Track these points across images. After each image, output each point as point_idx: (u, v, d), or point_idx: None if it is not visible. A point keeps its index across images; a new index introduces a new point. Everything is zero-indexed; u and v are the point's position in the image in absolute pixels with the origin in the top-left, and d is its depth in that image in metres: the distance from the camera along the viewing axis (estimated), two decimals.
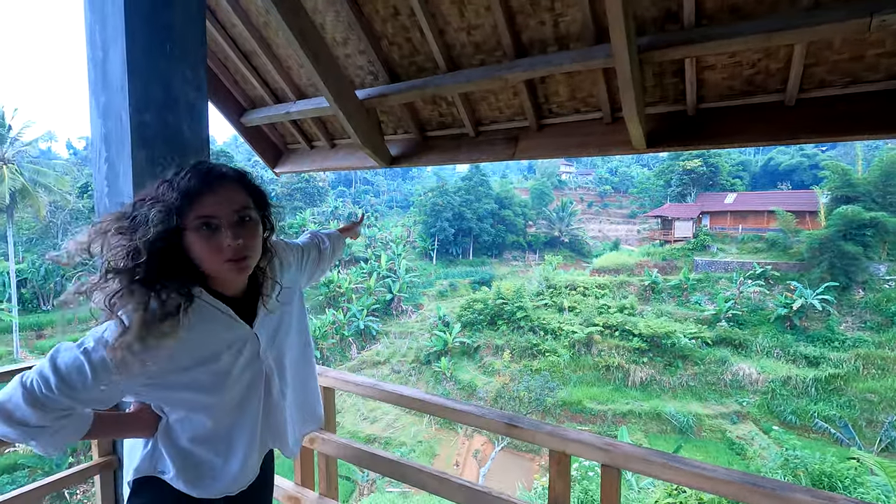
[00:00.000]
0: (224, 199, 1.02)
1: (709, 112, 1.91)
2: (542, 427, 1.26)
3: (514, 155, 2.28)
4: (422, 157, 2.59)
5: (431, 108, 2.50)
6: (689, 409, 22.83)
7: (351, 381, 1.62)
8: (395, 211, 78.61)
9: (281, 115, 2.79)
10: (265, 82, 2.81)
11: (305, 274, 1.49)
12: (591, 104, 2.12)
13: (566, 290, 33.30)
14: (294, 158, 3.17)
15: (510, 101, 2.28)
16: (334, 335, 35.92)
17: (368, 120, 2.49)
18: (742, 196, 40.40)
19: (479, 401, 25.83)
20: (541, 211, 58.14)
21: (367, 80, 2.47)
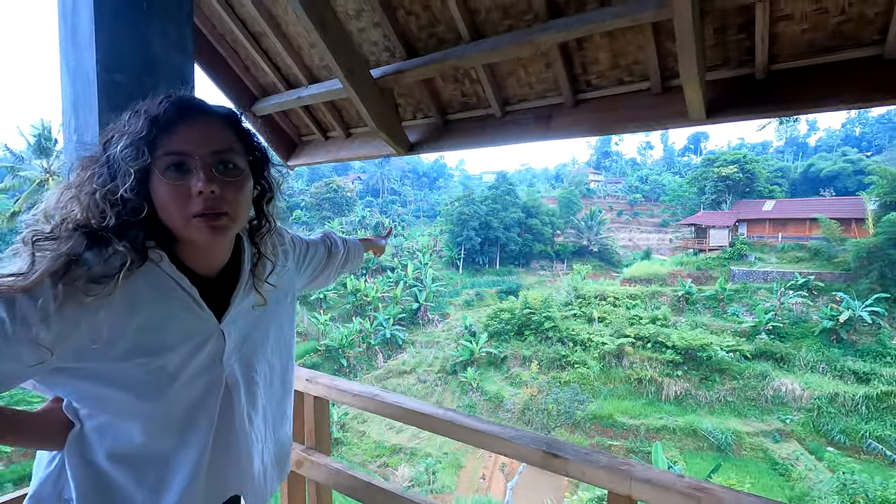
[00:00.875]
0: (201, 135, 0.79)
1: (783, 74, 1.60)
2: (594, 458, 0.92)
3: (547, 134, 2.01)
4: (443, 141, 2.34)
5: (453, 86, 2.26)
6: (728, 426, 21.70)
7: (347, 389, 1.33)
8: (421, 220, 78.95)
9: (293, 101, 2.60)
10: (276, 67, 2.63)
11: (305, 275, 1.23)
12: (638, 72, 1.83)
13: (595, 300, 32.48)
14: (308, 150, 2.98)
15: (542, 75, 2.01)
16: (361, 344, 35.99)
17: (384, 101, 2.26)
18: (782, 203, 38.75)
19: (505, 413, 25.29)
20: (569, 220, 57.24)
21: (383, 57, 2.25)
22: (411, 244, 55.33)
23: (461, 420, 1.06)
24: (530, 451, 0.95)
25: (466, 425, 1.04)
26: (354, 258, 1.42)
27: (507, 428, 1.05)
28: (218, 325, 0.89)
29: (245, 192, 0.84)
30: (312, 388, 1.47)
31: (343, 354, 34.12)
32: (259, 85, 2.82)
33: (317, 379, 1.47)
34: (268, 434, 1.01)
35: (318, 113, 2.84)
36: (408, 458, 22.61)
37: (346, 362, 34.03)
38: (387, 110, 2.28)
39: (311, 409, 1.48)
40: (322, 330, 35.81)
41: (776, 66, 1.61)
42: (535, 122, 2.09)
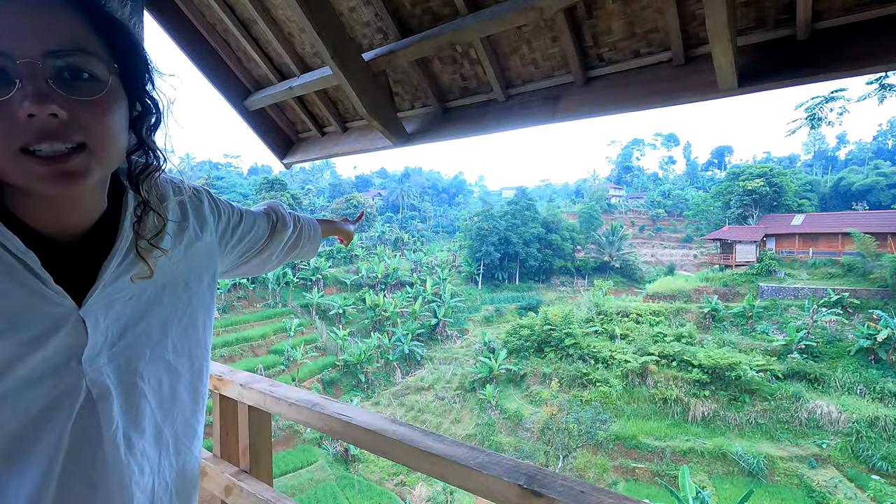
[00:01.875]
0: (27, 25, 0.52)
1: (828, 33, 1.36)
2: (592, 499, 0.65)
3: (555, 116, 1.79)
4: (443, 130, 2.15)
5: (452, 69, 2.07)
6: (760, 450, 20.64)
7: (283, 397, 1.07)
8: (441, 235, 79.11)
9: (284, 92, 2.45)
10: (268, 57, 2.49)
11: (234, 254, 0.95)
12: (657, 42, 1.61)
13: (618, 316, 31.70)
14: (304, 147, 2.82)
15: (548, 51, 1.80)
16: (379, 359, 35.81)
17: (376, 87, 2.08)
18: (811, 217, 37.45)
19: (524, 431, 24.63)
20: (589, 235, 56.50)
21: (376, 39, 2.08)
22: (430, 259, 55.34)
23: (414, 438, 0.81)
24: (503, 486, 0.68)
25: (419, 446, 0.79)
26: (309, 242, 1.18)
27: (477, 451, 0.79)
28: (76, 310, 0.62)
29: (113, 114, 0.58)
30: (248, 395, 1.21)
31: (361, 370, 33.95)
32: (252, 78, 2.69)
33: (253, 384, 1.22)
34: (164, 462, 0.75)
35: (313, 107, 2.68)
36: (426, 477, 22.10)
37: (365, 378, 33.83)
38: (380, 97, 2.10)
39: (245, 422, 1.21)
40: (341, 345, 35.76)
41: (821, 23, 1.37)
42: (542, 104, 1.88)
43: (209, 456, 1.21)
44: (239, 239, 0.94)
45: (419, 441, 0.79)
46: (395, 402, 31.37)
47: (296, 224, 1.12)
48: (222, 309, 35.55)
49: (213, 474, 1.16)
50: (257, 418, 1.25)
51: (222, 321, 34.03)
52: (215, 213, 0.87)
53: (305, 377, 32.01)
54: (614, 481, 20.78)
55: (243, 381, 1.18)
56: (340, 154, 2.55)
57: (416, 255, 56.18)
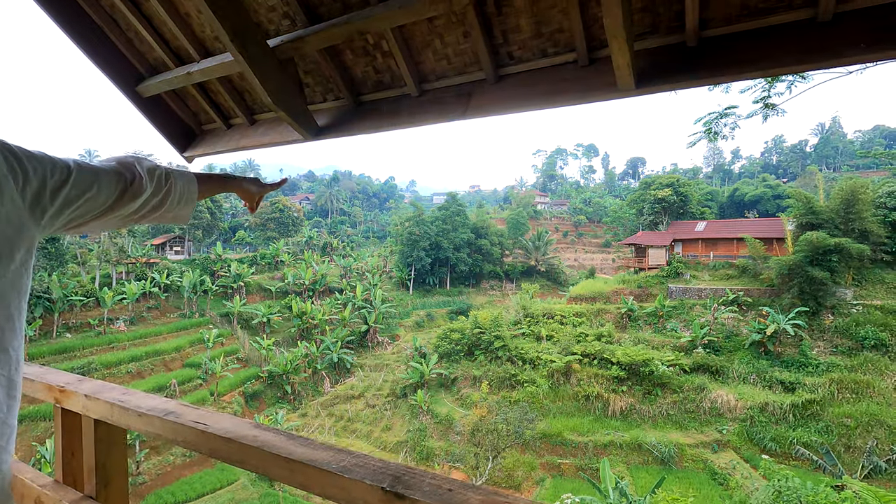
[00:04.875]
0: None
1: (715, 41, 1.46)
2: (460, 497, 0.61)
3: (467, 112, 1.78)
4: (356, 124, 2.06)
5: (365, 62, 2.00)
6: (671, 439, 22.28)
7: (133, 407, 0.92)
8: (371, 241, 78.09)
9: (182, 78, 2.24)
10: (163, 40, 2.27)
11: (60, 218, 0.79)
12: (562, 42, 1.65)
13: (544, 318, 32.92)
14: (209, 140, 2.61)
15: (460, 46, 1.79)
16: (306, 369, 34.54)
17: (284, 76, 1.96)
18: (712, 224, 41.25)
19: (455, 435, 24.79)
20: (517, 240, 58.41)
21: (283, 25, 1.96)
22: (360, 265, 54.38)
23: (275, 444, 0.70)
24: (366, 490, 0.61)
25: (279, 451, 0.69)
26: (179, 205, 1.00)
27: (343, 453, 0.71)
28: None
29: None
30: (94, 407, 1.05)
31: (287, 381, 32.55)
32: (146, 62, 2.44)
33: (101, 393, 1.06)
34: None
35: (217, 97, 2.49)
36: None
37: (291, 389, 32.46)
38: (289, 88, 1.98)
39: (91, 439, 1.06)
40: (265, 356, 34.05)
41: (708, 32, 1.46)
42: (455, 100, 1.86)
43: (49, 482, 1.02)
44: (64, 203, 0.77)
45: (279, 447, 0.70)
46: (324, 413, 30.38)
47: (160, 184, 0.94)
48: (130, 321, 32.56)
49: (53, 501, 0.97)
50: (106, 433, 1.09)
51: (130, 334, 31.15)
52: (17, 174, 0.71)
53: (226, 391, 30.09)
54: (541, 478, 21.47)
55: (89, 392, 0.99)
56: (248, 147, 2.38)
57: (346, 260, 54.96)
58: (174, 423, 0.83)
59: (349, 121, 2.10)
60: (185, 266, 41.78)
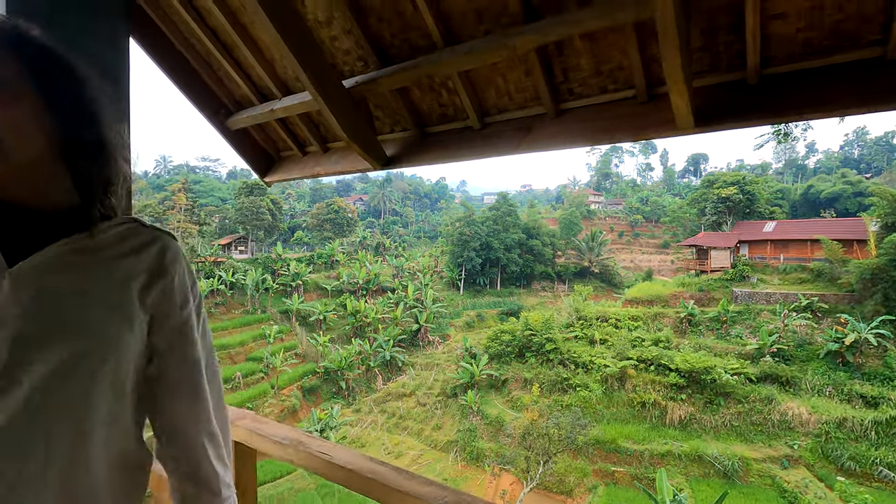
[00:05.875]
0: None
1: (776, 78, 1.48)
2: None
3: (527, 146, 1.88)
4: (421, 155, 2.22)
5: (430, 97, 2.15)
6: (734, 452, 21.13)
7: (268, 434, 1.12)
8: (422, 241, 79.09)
9: (266, 114, 2.49)
10: (249, 79, 2.53)
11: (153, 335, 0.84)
12: (622, 80, 1.71)
13: (597, 321, 32.14)
14: (286, 166, 2.86)
15: (522, 83, 1.89)
16: (360, 366, 35.56)
17: (357, 113, 2.14)
18: (782, 224, 38.66)
19: (506, 437, 24.74)
20: (570, 241, 57.27)
21: (357, 66, 2.14)
22: (412, 265, 55.25)
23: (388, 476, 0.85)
24: None
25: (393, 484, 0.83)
26: None
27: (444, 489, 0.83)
28: (5, 269, 0.68)
29: (16, 109, 0.67)
30: (234, 431, 1.21)
31: (342, 377, 33.66)
32: (233, 98, 2.72)
33: (238, 420, 1.26)
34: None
35: (294, 127, 2.73)
36: None
37: (345, 385, 33.54)
38: (360, 122, 2.16)
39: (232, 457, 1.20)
40: (321, 352, 35.39)
41: (769, 70, 1.48)
42: (515, 133, 1.97)
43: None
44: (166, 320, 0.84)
45: (392, 479, 0.84)
46: (377, 409, 31.17)
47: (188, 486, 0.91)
48: None
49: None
50: (242, 453, 1.27)
51: None
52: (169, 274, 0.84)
53: (285, 384, 31.57)
54: (594, 485, 21.03)
55: (231, 418, 1.20)
56: (322, 174, 2.60)
57: (398, 260, 56.01)
58: (303, 452, 1.00)
59: (415, 151, 2.25)
60: (248, 265, 44.16)
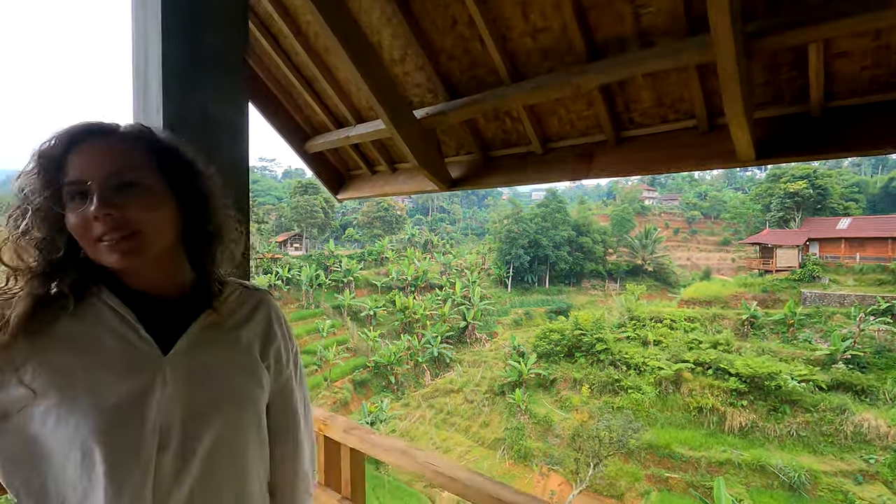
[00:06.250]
0: (94, 159, 0.74)
1: (841, 112, 1.51)
2: None
3: (589, 173, 1.99)
4: (484, 178, 2.37)
5: (495, 125, 2.29)
6: (801, 463, 19.93)
7: (378, 443, 1.35)
8: (470, 238, 79.21)
9: (341, 140, 2.72)
10: (326, 107, 2.77)
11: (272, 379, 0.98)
12: (682, 110, 1.79)
13: (651, 322, 31.11)
14: (356, 184, 3.10)
15: (583, 113, 2.00)
16: (408, 361, 36.23)
17: (426, 141, 2.33)
18: (859, 221, 35.80)
19: (554, 438, 24.53)
20: (622, 238, 55.62)
21: (427, 98, 2.32)
22: (459, 262, 55.51)
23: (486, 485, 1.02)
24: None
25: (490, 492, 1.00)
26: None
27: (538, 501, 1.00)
28: (160, 357, 0.78)
29: (156, 206, 0.77)
30: (350, 439, 1.48)
31: (391, 371, 34.45)
32: (311, 124, 2.97)
33: (352, 430, 1.47)
34: None
35: (365, 149, 2.95)
36: None
37: (394, 379, 34.31)
38: (430, 149, 2.34)
39: (347, 461, 1.49)
40: (371, 346, 36.36)
41: (833, 103, 1.52)
42: (577, 159, 2.08)
43: (315, 483, 1.49)
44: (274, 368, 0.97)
45: (491, 489, 1.00)
46: (425, 404, 31.70)
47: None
48: None
49: (324, 498, 1.44)
50: (356, 458, 1.49)
51: None
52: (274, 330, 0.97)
53: (337, 377, 32.71)
54: (646, 490, 20.50)
55: (345, 428, 1.44)
56: (390, 194, 2.80)
57: (446, 257, 56.44)
58: (411, 460, 1.20)
59: (479, 174, 2.41)
60: (303, 261, 45.96)
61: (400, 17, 2.01)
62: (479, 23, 1.84)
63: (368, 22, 2.12)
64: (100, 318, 0.79)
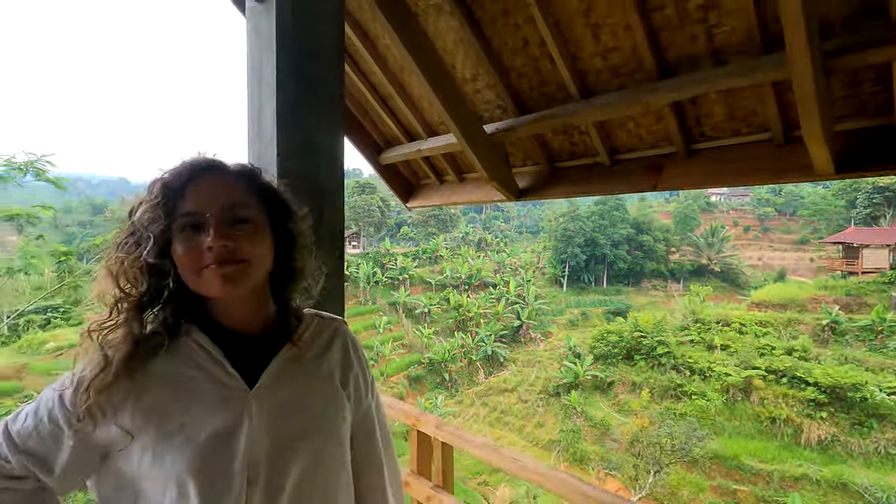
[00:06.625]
0: (211, 193, 0.80)
1: None
2: None
3: (657, 185, 2.02)
4: (551, 189, 2.45)
5: (562, 137, 2.37)
6: (890, 483, 18.27)
7: (469, 440, 1.50)
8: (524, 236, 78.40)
9: (413, 153, 2.89)
10: (399, 122, 2.95)
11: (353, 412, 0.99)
12: (756, 124, 1.79)
13: (717, 325, 29.54)
14: (425, 193, 3.27)
15: (653, 127, 2.04)
16: (462, 359, 36.51)
17: (496, 154, 2.44)
18: None
19: (612, 442, 23.92)
20: (685, 236, 53.05)
21: (496, 113, 2.44)
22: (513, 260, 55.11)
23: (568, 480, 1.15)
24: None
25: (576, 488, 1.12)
26: None
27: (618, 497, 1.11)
28: (247, 392, 0.81)
29: (261, 242, 0.82)
30: (441, 434, 1.66)
31: (445, 368, 34.86)
32: (385, 137, 3.17)
33: (443, 427, 1.65)
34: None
35: (434, 160, 3.11)
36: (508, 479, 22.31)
37: (448, 376, 34.70)
38: (498, 162, 2.46)
39: (439, 453, 1.67)
40: (425, 343, 36.95)
41: None
42: (645, 171, 2.12)
43: (407, 471, 1.67)
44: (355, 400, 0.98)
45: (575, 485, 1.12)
46: (478, 403, 31.84)
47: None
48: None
49: (416, 485, 1.63)
50: (447, 451, 1.67)
51: None
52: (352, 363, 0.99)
53: (393, 373, 33.53)
54: (712, 502, 19.55)
55: (436, 424, 1.63)
56: (458, 203, 2.95)
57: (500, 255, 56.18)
58: (499, 456, 1.34)
59: (545, 185, 2.50)
60: (360, 259, 47.41)
61: (473, 39, 2.14)
62: (551, 44, 1.93)
63: (443, 45, 2.26)
64: (189, 354, 0.82)
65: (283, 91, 1.58)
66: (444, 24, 2.17)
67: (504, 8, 1.99)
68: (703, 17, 1.62)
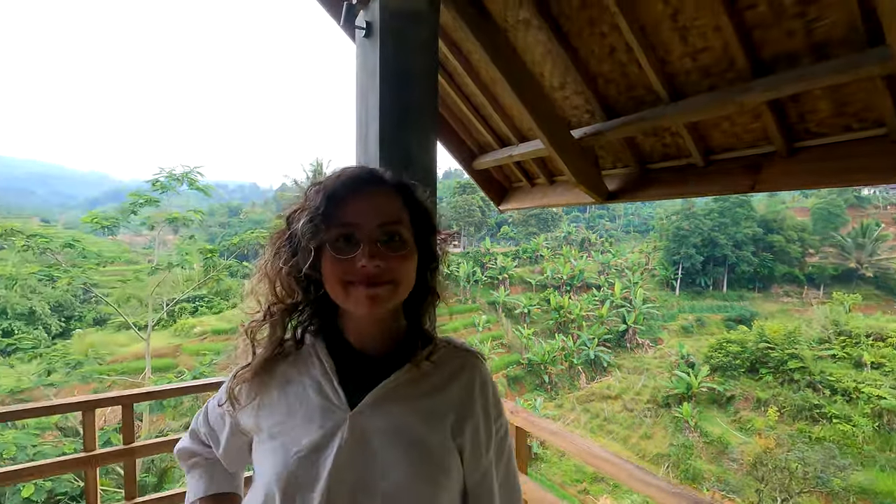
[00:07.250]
0: (370, 207, 0.77)
1: None
2: None
3: (755, 186, 1.94)
4: (642, 191, 2.44)
5: (653, 139, 2.35)
6: None
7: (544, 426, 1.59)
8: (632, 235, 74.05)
9: (505, 158, 3.03)
10: (491, 129, 3.11)
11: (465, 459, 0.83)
12: (869, 118, 1.65)
13: (868, 339, 25.51)
14: (517, 196, 3.39)
15: (749, 126, 1.96)
16: (563, 362, 35.65)
17: (584, 157, 2.49)
18: None
19: (731, 462, 21.84)
20: (827, 236, 46.33)
21: (584, 118, 2.49)
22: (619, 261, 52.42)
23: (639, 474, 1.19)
24: None
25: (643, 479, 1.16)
26: None
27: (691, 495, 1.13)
28: (347, 410, 0.77)
29: (410, 264, 0.79)
30: (515, 419, 1.78)
31: (545, 370, 34.31)
32: (478, 144, 3.36)
33: (518, 412, 1.77)
34: None
35: (525, 164, 3.23)
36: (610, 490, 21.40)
37: (548, 379, 34.09)
38: (587, 165, 2.51)
39: (512, 437, 1.75)
40: (525, 344, 36.68)
41: None
42: (742, 171, 2.04)
43: None
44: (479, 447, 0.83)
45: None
46: (580, 408, 30.87)
47: None
48: None
49: None
50: (521, 435, 1.80)
51: None
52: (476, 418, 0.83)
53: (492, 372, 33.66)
54: None
55: (511, 409, 1.78)
56: (549, 205, 3.03)
57: (604, 256, 53.76)
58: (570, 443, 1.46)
59: (636, 187, 2.49)
60: (460, 258, 48.34)
61: (560, 50, 2.23)
62: (637, 49, 1.95)
63: (532, 57, 2.38)
64: (308, 364, 0.83)
65: (385, 114, 1.82)
66: (532, 37, 2.28)
67: (589, 18, 2.05)
68: (801, 11, 1.55)
